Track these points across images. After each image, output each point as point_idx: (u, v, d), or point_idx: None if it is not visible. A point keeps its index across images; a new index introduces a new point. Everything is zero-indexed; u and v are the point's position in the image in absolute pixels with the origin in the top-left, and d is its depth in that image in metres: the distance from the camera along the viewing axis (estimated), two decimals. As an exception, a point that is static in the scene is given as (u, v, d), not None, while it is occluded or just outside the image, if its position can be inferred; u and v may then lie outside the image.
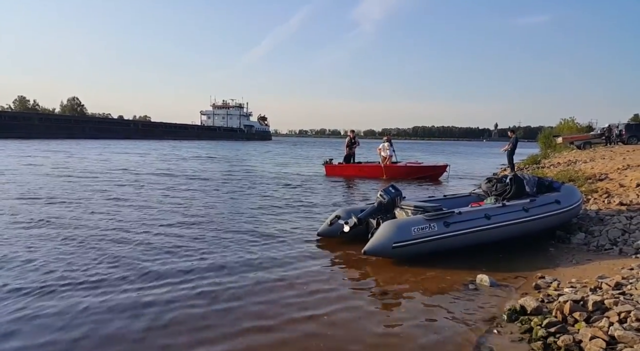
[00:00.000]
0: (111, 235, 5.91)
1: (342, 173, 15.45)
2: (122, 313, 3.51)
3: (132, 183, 11.99)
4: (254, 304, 3.78)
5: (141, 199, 9.13)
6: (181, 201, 9.02)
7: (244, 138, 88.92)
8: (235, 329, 3.31)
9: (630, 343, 2.75)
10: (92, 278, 4.25)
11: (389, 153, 15.17)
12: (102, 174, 14.03)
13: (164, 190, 10.65)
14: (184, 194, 10.08)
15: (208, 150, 37.15)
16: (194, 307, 3.68)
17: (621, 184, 8.91)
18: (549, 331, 3.11)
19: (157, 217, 7.30)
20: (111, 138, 54.99)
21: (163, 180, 12.92)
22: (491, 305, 3.83)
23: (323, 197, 10.41)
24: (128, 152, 27.94)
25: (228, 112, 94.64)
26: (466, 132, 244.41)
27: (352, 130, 16.43)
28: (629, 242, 5.34)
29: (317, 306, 3.77)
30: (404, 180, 14.06)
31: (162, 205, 8.50)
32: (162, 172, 15.58)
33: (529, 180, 6.33)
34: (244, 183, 12.82)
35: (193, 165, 19.43)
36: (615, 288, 3.78)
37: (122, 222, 6.83)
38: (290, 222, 7.17)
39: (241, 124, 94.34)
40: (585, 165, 13.70)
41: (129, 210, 7.81)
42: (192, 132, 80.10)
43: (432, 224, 5.07)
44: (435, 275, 4.62)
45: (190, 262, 4.84)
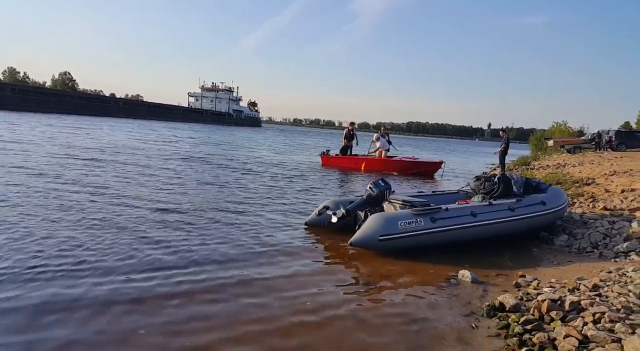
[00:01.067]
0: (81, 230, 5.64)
1: (338, 164, 15.52)
2: (86, 309, 3.34)
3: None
4: (237, 293, 3.79)
5: (89, 181, 9.07)
6: (163, 187, 8.98)
7: (233, 123, 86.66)
8: (219, 318, 3.32)
9: (602, 342, 2.83)
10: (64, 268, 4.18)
11: (379, 145, 15.19)
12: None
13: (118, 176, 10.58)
14: (163, 181, 10.03)
15: (192, 133, 36.48)
16: (179, 296, 3.69)
17: (607, 189, 9.05)
18: (525, 328, 3.18)
19: (131, 204, 7.27)
20: (89, 115, 51.66)
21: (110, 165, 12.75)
22: (471, 300, 3.90)
23: (315, 187, 10.45)
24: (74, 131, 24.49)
25: (217, 96, 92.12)
26: (459, 130, 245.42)
27: (352, 122, 16.39)
28: (610, 246, 5.45)
29: (299, 296, 3.80)
30: (399, 174, 14.19)
31: (139, 193, 8.46)
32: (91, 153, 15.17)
33: (517, 180, 6.41)
34: (232, 169, 12.81)
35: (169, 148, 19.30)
36: (593, 290, 3.86)
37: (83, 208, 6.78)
38: (279, 210, 7.19)
39: (230, 109, 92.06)
40: (573, 169, 13.86)
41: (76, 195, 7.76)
42: (177, 114, 76.83)
43: (419, 219, 5.13)
44: (419, 269, 4.68)
45: (176, 249, 4.85)
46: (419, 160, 15.70)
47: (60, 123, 29.83)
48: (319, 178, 12.37)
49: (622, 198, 7.91)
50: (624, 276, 4.21)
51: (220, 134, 38.70)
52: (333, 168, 14.94)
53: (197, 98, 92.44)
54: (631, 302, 3.48)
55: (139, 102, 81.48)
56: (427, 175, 14.77)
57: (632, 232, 5.69)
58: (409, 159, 15.59)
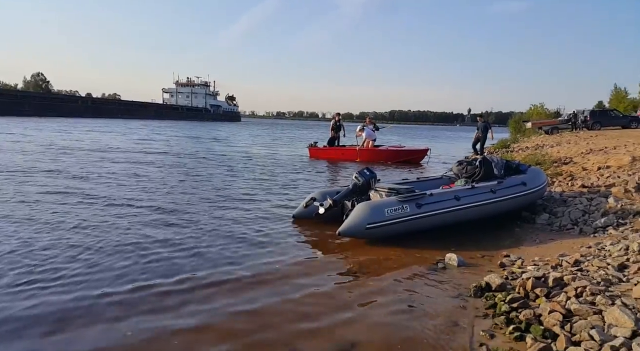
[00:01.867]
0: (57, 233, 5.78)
1: (325, 156, 15.58)
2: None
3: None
4: (225, 286, 3.82)
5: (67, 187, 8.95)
6: (148, 185, 8.91)
7: (210, 118, 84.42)
8: (208, 311, 3.34)
9: (584, 315, 2.95)
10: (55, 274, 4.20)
11: (364, 135, 15.29)
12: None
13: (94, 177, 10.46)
14: (143, 178, 9.94)
15: (164, 130, 35.31)
16: (164, 285, 3.71)
17: (584, 167, 9.30)
18: (511, 306, 3.28)
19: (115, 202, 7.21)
20: (55, 116, 48.28)
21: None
22: (458, 282, 4.00)
23: (304, 179, 10.47)
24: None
25: (193, 91, 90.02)
26: (441, 116, 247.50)
27: (338, 113, 16.46)
28: (589, 222, 5.63)
29: (290, 286, 3.85)
30: (386, 163, 14.31)
31: (120, 190, 8.37)
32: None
33: (497, 162, 6.55)
34: (218, 163, 12.75)
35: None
36: (574, 265, 4.01)
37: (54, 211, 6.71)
38: (267, 205, 7.20)
39: (207, 104, 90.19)
40: (551, 149, 14.18)
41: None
42: (150, 111, 73.65)
43: (405, 205, 5.21)
44: (407, 254, 4.78)
45: (163, 245, 4.84)
46: (406, 149, 15.90)
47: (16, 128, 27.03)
48: (307, 170, 12.38)
49: (598, 175, 8.14)
50: (603, 250, 4.37)
51: (197, 131, 37.75)
52: (321, 160, 15.00)
53: (171, 94, 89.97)
54: (610, 275, 3.62)
55: (110, 100, 78.49)
56: (414, 162, 14.97)
57: (609, 208, 5.88)
58: (395, 148, 15.75)
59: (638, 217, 5.38)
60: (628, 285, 3.38)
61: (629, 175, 7.67)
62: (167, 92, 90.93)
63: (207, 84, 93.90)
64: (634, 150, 10.10)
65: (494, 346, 2.80)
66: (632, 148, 10.54)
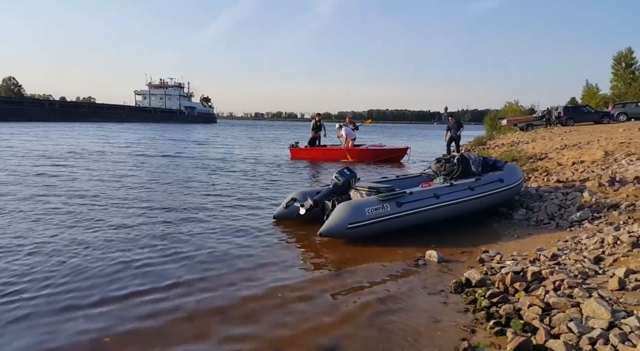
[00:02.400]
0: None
1: (307, 156, 15.56)
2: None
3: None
4: (207, 287, 3.77)
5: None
6: (120, 189, 8.73)
7: (185, 120, 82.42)
8: (189, 312, 3.30)
9: (562, 308, 2.99)
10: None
11: (344, 133, 15.34)
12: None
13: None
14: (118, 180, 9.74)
15: (132, 133, 34.31)
16: (147, 292, 3.63)
17: (559, 163, 9.50)
18: (491, 301, 3.31)
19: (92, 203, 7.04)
20: (19, 121, 45.02)
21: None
22: (439, 278, 4.02)
23: (285, 180, 10.40)
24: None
25: (166, 92, 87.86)
26: (418, 115, 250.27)
27: (318, 114, 16.50)
28: (565, 216, 5.74)
29: (272, 287, 3.81)
30: (367, 162, 14.36)
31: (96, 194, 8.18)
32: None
33: (475, 160, 6.63)
34: (196, 166, 12.57)
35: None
36: (552, 259, 4.07)
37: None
38: (248, 206, 7.13)
39: (181, 105, 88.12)
40: (527, 146, 14.45)
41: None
42: (122, 114, 71.01)
43: (385, 204, 5.22)
44: (388, 253, 4.78)
45: (143, 247, 4.74)
46: (386, 148, 15.99)
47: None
48: (288, 171, 12.32)
49: (573, 170, 8.32)
50: (579, 243, 4.46)
51: (170, 133, 36.79)
52: (302, 161, 14.97)
53: (144, 96, 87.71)
54: (587, 267, 3.69)
55: (79, 103, 75.57)
56: (395, 161, 15.07)
57: (584, 202, 6.01)
58: (376, 147, 15.82)
59: (612, 210, 5.51)
60: (604, 277, 3.45)
61: (603, 169, 7.87)
62: (139, 94, 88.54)
63: (181, 85, 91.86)
64: (607, 145, 10.37)
65: (475, 342, 2.81)
66: (605, 143, 10.83)
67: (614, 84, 43.55)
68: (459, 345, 2.78)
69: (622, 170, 7.45)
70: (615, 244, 4.12)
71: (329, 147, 15.69)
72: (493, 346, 2.75)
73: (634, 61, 43.22)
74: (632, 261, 3.63)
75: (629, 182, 6.44)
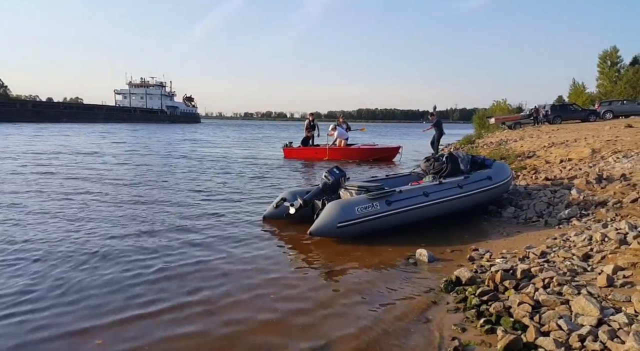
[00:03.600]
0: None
1: (300, 156, 15.59)
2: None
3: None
4: (201, 287, 3.73)
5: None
6: (111, 192, 8.61)
7: (167, 120, 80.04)
8: (184, 312, 3.28)
9: (552, 305, 2.99)
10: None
11: (336, 134, 15.38)
12: None
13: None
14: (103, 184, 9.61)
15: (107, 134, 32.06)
16: (137, 288, 3.57)
17: (547, 160, 9.58)
18: (482, 299, 3.31)
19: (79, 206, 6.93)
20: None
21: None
22: (429, 277, 4.02)
23: (278, 180, 10.34)
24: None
25: (147, 92, 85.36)
26: (407, 114, 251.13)
27: (312, 113, 16.57)
28: (553, 213, 5.77)
29: (263, 286, 3.79)
30: (359, 162, 14.42)
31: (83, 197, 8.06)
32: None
33: (463, 158, 6.65)
34: (187, 167, 12.46)
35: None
36: (541, 257, 4.08)
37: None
38: (240, 206, 7.07)
39: (163, 105, 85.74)
40: (515, 144, 14.56)
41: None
42: (98, 114, 67.28)
43: (375, 203, 5.20)
44: (378, 252, 4.76)
45: (132, 249, 4.67)
46: (378, 147, 16.06)
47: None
48: (281, 171, 12.27)
49: (561, 168, 8.40)
50: (568, 241, 4.48)
51: (149, 133, 35.19)
52: (296, 160, 14.96)
53: (124, 96, 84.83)
54: (575, 265, 3.71)
55: (54, 103, 70.93)
56: (387, 160, 15.14)
57: (572, 199, 6.05)
58: (368, 146, 15.88)
59: (600, 208, 5.55)
60: (593, 275, 3.47)
61: (590, 166, 7.94)
62: (119, 94, 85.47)
63: (162, 84, 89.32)
64: (594, 142, 10.48)
65: (466, 340, 2.80)
66: (592, 140, 10.94)
67: (600, 82, 44.20)
68: (450, 343, 2.77)
69: (609, 167, 7.52)
70: (603, 241, 4.15)
71: (322, 147, 15.72)
72: (484, 345, 2.74)
73: (619, 59, 43.91)
74: (620, 258, 3.65)
75: (616, 180, 6.51)
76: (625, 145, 9.38)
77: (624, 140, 10.17)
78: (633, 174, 6.64)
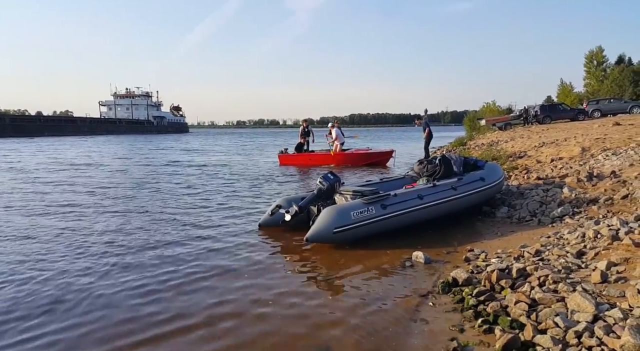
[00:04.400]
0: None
1: (295, 162, 15.65)
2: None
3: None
4: (199, 295, 3.74)
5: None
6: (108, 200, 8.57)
7: (154, 131, 79.28)
8: (184, 320, 3.28)
9: (548, 303, 3.03)
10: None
11: (334, 134, 15.51)
12: None
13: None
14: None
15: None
16: (133, 298, 3.56)
17: (538, 160, 9.67)
18: (478, 299, 3.33)
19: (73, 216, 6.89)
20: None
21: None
22: (426, 279, 4.05)
23: (272, 187, 10.36)
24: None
25: (133, 102, 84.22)
26: (399, 118, 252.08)
27: (305, 120, 16.72)
28: (546, 212, 5.83)
29: (262, 293, 3.80)
30: (354, 166, 14.48)
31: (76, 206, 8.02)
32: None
33: (456, 160, 6.72)
34: (184, 175, 12.43)
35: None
36: (535, 255, 4.13)
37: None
38: (236, 215, 7.05)
39: (149, 115, 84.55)
40: (506, 145, 14.68)
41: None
42: (82, 127, 65.49)
43: (370, 207, 5.23)
44: (375, 256, 4.79)
45: (129, 257, 4.65)
46: (373, 151, 16.16)
47: None
48: (275, 178, 12.29)
49: (552, 167, 8.49)
50: (562, 239, 4.53)
51: (136, 145, 33.72)
52: (291, 167, 15.02)
53: (110, 107, 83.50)
54: (570, 262, 3.76)
55: (34, 117, 69.46)
56: (381, 164, 15.23)
57: (564, 197, 6.12)
58: (363, 151, 15.97)
59: (592, 205, 5.62)
60: (587, 271, 3.52)
61: (580, 165, 8.04)
62: (104, 105, 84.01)
63: (148, 94, 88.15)
64: (583, 141, 10.61)
65: (464, 340, 2.82)
66: (582, 139, 11.07)
67: (587, 82, 44.78)
68: (448, 344, 2.79)
69: (599, 165, 7.62)
70: (596, 238, 4.20)
71: (318, 153, 15.82)
72: (482, 345, 2.77)
73: (605, 59, 44.52)
74: (613, 254, 3.70)
75: (606, 177, 6.60)
76: (614, 143, 9.51)
77: (613, 138, 10.30)
78: (622, 171, 6.74)
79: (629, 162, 7.20)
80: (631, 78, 38.57)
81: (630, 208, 5.15)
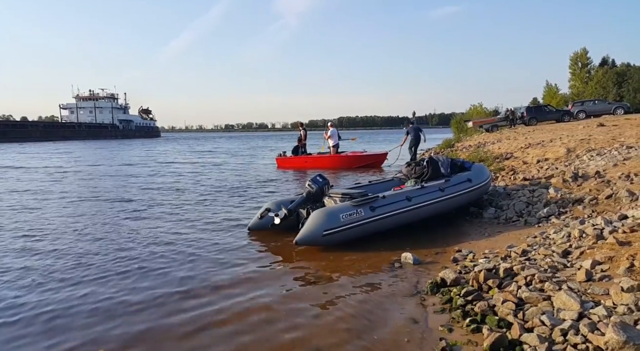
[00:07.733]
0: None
1: (292, 165, 15.68)
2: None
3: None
4: (183, 305, 3.70)
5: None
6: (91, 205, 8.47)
7: (120, 135, 74.68)
8: (172, 324, 3.25)
9: (534, 302, 3.07)
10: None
11: (330, 134, 15.66)
12: None
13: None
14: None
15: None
16: (125, 304, 3.53)
17: (524, 161, 9.80)
18: (466, 299, 3.37)
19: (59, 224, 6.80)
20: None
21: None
22: (415, 280, 4.07)
23: (268, 190, 10.32)
24: None
25: (96, 105, 79.19)
26: (388, 120, 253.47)
27: (301, 123, 16.87)
28: (532, 212, 5.90)
29: (252, 297, 3.78)
30: (349, 169, 14.58)
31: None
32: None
33: (443, 161, 6.78)
34: (168, 179, 12.34)
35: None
36: (522, 255, 4.18)
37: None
38: (228, 219, 7.00)
39: (115, 119, 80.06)
40: (493, 146, 14.84)
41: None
42: (33, 132, 59.90)
43: (359, 209, 5.25)
44: (364, 258, 4.80)
45: (118, 262, 4.61)
46: (368, 154, 16.27)
47: None
48: (272, 181, 12.25)
49: (538, 168, 8.60)
50: (548, 238, 4.59)
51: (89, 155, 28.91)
52: (289, 170, 15.05)
53: (71, 111, 78.40)
54: (556, 261, 3.81)
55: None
56: (375, 166, 15.34)
57: (550, 198, 6.20)
58: (358, 153, 16.06)
59: (577, 205, 5.70)
60: (572, 270, 3.57)
61: (566, 165, 8.16)
62: (65, 109, 79.20)
63: (114, 96, 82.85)
64: (568, 142, 10.77)
65: (453, 340, 2.85)
66: (567, 140, 11.24)
67: (572, 83, 45.52)
68: (437, 344, 2.81)
69: (584, 165, 7.75)
70: (581, 237, 4.26)
71: (315, 155, 15.86)
72: (470, 344, 2.79)
73: (589, 61, 45.30)
74: (597, 253, 3.76)
75: (591, 177, 6.70)
76: (598, 143, 9.67)
77: (597, 139, 10.48)
78: (607, 171, 6.85)
79: (613, 162, 7.33)
80: (615, 79, 39.32)
81: (614, 208, 5.24)
